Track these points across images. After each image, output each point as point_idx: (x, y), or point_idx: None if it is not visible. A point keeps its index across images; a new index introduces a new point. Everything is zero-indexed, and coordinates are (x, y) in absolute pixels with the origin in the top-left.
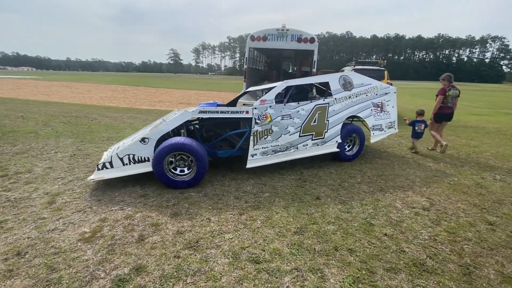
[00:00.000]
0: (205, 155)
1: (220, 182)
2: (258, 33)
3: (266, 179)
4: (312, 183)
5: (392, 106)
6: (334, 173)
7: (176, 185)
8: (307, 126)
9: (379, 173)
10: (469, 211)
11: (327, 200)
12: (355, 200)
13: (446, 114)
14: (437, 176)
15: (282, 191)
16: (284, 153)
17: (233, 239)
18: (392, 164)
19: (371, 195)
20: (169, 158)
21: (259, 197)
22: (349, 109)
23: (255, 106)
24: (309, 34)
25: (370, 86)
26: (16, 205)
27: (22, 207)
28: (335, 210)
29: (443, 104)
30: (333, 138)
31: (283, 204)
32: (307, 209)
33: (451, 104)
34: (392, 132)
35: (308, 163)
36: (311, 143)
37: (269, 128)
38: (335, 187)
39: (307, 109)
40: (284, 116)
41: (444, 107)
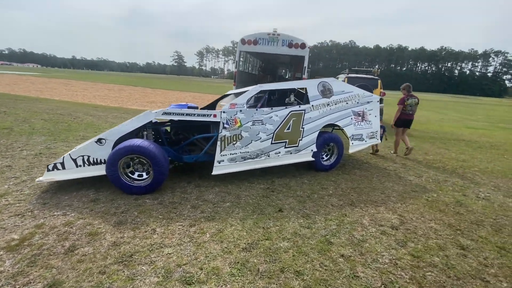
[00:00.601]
0: (165, 160)
1: (182, 188)
2: (249, 37)
3: (232, 188)
4: (280, 193)
5: (374, 116)
6: (306, 184)
7: (131, 190)
8: (280, 133)
9: (354, 185)
10: (442, 232)
11: (290, 213)
12: (320, 214)
13: (406, 120)
14: (415, 191)
15: (245, 201)
16: (254, 160)
17: (172, 254)
18: (371, 176)
19: (339, 210)
20: (125, 161)
21: (218, 207)
22: (327, 117)
23: (223, 110)
24: (300, 40)
25: (351, 94)
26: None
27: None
28: (295, 224)
29: (403, 112)
30: (308, 146)
31: (241, 215)
32: (265, 222)
33: (410, 112)
34: (374, 143)
35: (282, 171)
36: (284, 151)
37: (239, 133)
38: (302, 199)
39: (281, 115)
40: (256, 122)
41: (404, 114)
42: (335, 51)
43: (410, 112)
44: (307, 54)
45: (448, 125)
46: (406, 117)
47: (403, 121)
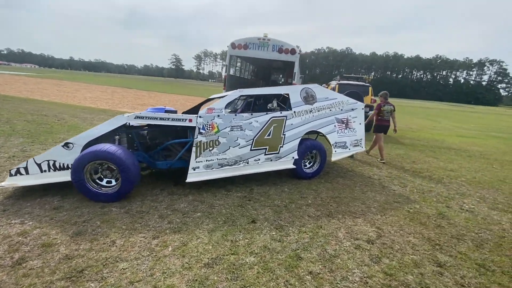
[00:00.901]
0: (134, 166)
1: (154, 196)
2: (239, 41)
3: (207, 196)
4: (257, 202)
5: (359, 123)
6: (286, 192)
7: (98, 198)
8: (260, 139)
9: (335, 194)
10: (420, 247)
11: (263, 225)
12: (294, 225)
13: (382, 126)
14: (398, 202)
15: (218, 211)
16: (232, 167)
17: (126, 269)
18: (354, 185)
19: (315, 221)
20: (92, 167)
21: (188, 217)
22: (309, 123)
23: (200, 114)
24: (290, 45)
25: (335, 101)
26: None
27: None
28: (266, 237)
29: (380, 117)
30: (289, 153)
31: (211, 227)
32: (234, 234)
33: (387, 117)
34: (358, 151)
35: (264, 179)
36: (264, 158)
37: (216, 139)
38: (279, 209)
39: (261, 121)
40: (234, 127)
41: (381, 120)
42: (332, 58)
43: (386, 118)
44: (297, 60)
45: (439, 133)
46: (383, 123)
47: (381, 127)
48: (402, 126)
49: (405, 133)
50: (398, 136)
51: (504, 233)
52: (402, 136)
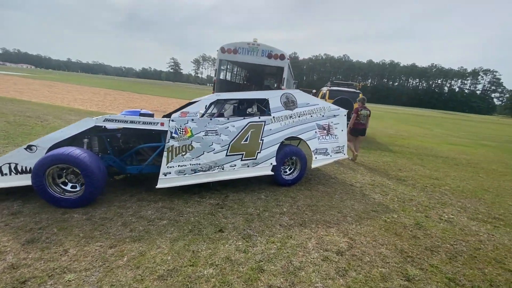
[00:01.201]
0: (99, 171)
1: (122, 202)
2: (229, 46)
3: (178, 203)
4: (229, 210)
5: (341, 130)
6: (262, 200)
7: (59, 203)
8: (236, 144)
9: (313, 202)
10: (391, 259)
11: (230, 234)
12: (264, 235)
13: (359, 129)
14: (376, 211)
15: (186, 219)
16: (206, 173)
17: (72, 281)
18: (334, 193)
19: (286, 231)
20: (54, 170)
21: (153, 225)
22: (289, 129)
23: (173, 118)
24: (280, 51)
25: (316, 107)
26: None
27: None
28: (231, 247)
29: (357, 121)
30: (267, 159)
31: (174, 236)
32: (198, 244)
33: (363, 121)
34: (340, 158)
35: (241, 185)
36: (241, 163)
37: (189, 144)
38: (251, 217)
39: (238, 126)
40: (209, 132)
41: (357, 123)
42: (329, 64)
43: (362, 122)
44: (287, 65)
45: (430, 141)
46: (359, 126)
47: (357, 130)
48: (392, 133)
49: (395, 140)
50: (387, 143)
51: (480, 245)
52: (391, 143)
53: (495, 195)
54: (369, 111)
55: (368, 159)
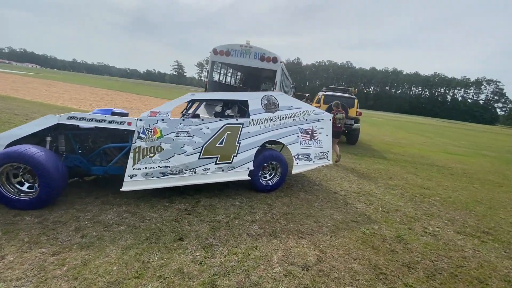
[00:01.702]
0: (57, 171)
1: (84, 205)
2: (221, 47)
3: (144, 207)
4: (197, 216)
5: (326, 135)
6: (235, 206)
7: (13, 204)
8: (210, 147)
9: (290, 210)
10: (361, 276)
11: (191, 243)
12: (226, 245)
13: (337, 132)
14: (356, 221)
15: (147, 225)
16: (176, 176)
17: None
18: (315, 200)
19: (253, 241)
20: (8, 169)
21: (109, 230)
22: (268, 132)
23: (141, 117)
24: (272, 54)
25: (299, 110)
26: None
27: None
28: (187, 258)
29: (334, 124)
30: (244, 164)
31: (128, 243)
32: (151, 254)
33: (339, 124)
34: (324, 164)
35: (217, 190)
36: (215, 167)
37: (158, 145)
38: (219, 225)
39: (213, 127)
40: (180, 133)
41: (335, 126)
42: (332, 71)
43: (339, 125)
44: (279, 68)
45: (427, 149)
46: (336, 129)
47: (335, 132)
48: (390, 140)
49: (391, 147)
50: (383, 150)
51: (463, 262)
52: (387, 151)
53: (487, 207)
54: (344, 113)
55: (360, 166)
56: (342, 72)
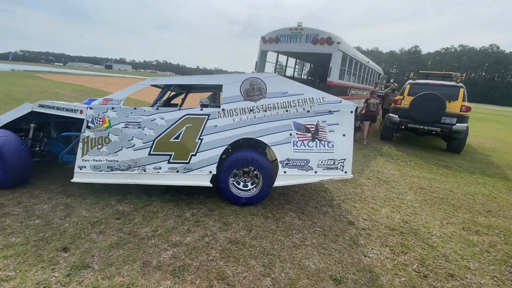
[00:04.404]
0: (13, 155)
1: (39, 191)
2: (270, 34)
3: (79, 202)
4: (122, 223)
5: (342, 134)
6: (180, 218)
7: None
8: (163, 141)
9: (244, 238)
10: None
11: (69, 258)
12: (104, 271)
13: (370, 115)
14: None
15: (58, 224)
16: (124, 173)
17: None
18: (301, 230)
19: (139, 275)
20: None
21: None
22: (244, 127)
23: (91, 105)
24: (327, 33)
25: (297, 98)
26: None
27: None
28: (42, 277)
29: (367, 109)
30: (205, 166)
31: (13, 241)
32: (18, 260)
33: (373, 108)
34: (335, 177)
35: (185, 192)
36: (167, 167)
37: (105, 136)
38: (128, 241)
39: (169, 118)
40: (130, 124)
41: (368, 110)
42: (466, 58)
43: (373, 109)
44: (336, 51)
45: None
46: (369, 112)
47: (368, 116)
48: (490, 146)
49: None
50: (502, 164)
51: None
52: (508, 165)
53: None
54: (379, 100)
55: (441, 185)
56: (481, 59)
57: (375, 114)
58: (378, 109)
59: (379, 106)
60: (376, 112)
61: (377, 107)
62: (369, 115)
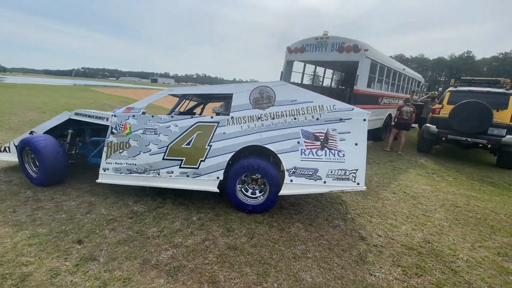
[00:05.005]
0: (49, 157)
1: (72, 189)
2: (296, 44)
3: (100, 201)
4: (134, 222)
5: (354, 143)
6: (187, 221)
7: (31, 180)
8: (176, 147)
9: (244, 245)
10: None
11: (81, 250)
12: (107, 264)
13: (401, 123)
14: None
15: (79, 219)
16: (141, 176)
17: None
18: (306, 241)
19: (138, 271)
20: (26, 152)
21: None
22: (251, 135)
23: (115, 113)
24: (353, 41)
25: (306, 106)
26: None
27: None
28: (56, 264)
29: (400, 116)
30: (213, 172)
31: (39, 231)
32: (42, 247)
33: (406, 116)
34: (346, 188)
35: (203, 197)
36: (179, 171)
37: (126, 141)
38: (135, 239)
39: (182, 125)
40: (147, 130)
41: (401, 118)
42: None
43: (406, 117)
44: (363, 59)
45: None
46: (404, 120)
47: (400, 124)
48: None
49: None
50: None
51: None
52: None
53: None
54: (413, 108)
55: (480, 204)
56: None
57: (408, 122)
58: (412, 118)
59: (413, 114)
60: (409, 120)
61: (411, 115)
62: (401, 123)
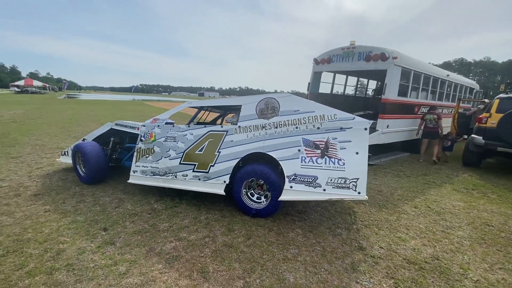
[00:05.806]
0: (91, 160)
1: (107, 187)
2: (322, 56)
3: (131, 199)
4: (151, 217)
5: (355, 152)
6: (195, 220)
7: (80, 178)
8: (190, 153)
9: (241, 244)
10: None
11: (104, 236)
12: (124, 247)
13: (427, 132)
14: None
15: (108, 211)
16: (162, 178)
17: None
18: (301, 246)
19: (143, 256)
20: (78, 156)
21: (79, 205)
22: (255, 143)
23: (144, 123)
24: (380, 50)
25: (308, 115)
26: None
27: None
28: (83, 245)
29: (425, 125)
30: (220, 176)
31: (77, 218)
32: (74, 229)
33: (430, 125)
34: (346, 197)
35: (214, 199)
36: (192, 174)
37: (151, 147)
38: (147, 230)
39: (196, 134)
40: (168, 138)
41: (426, 127)
42: None
43: (430, 125)
44: (392, 67)
45: None
46: (428, 129)
47: (426, 133)
48: None
49: None
50: None
51: None
52: None
53: None
54: (437, 115)
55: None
56: None
57: (434, 130)
58: (439, 125)
59: (439, 121)
60: (435, 128)
61: (436, 123)
62: (427, 132)
